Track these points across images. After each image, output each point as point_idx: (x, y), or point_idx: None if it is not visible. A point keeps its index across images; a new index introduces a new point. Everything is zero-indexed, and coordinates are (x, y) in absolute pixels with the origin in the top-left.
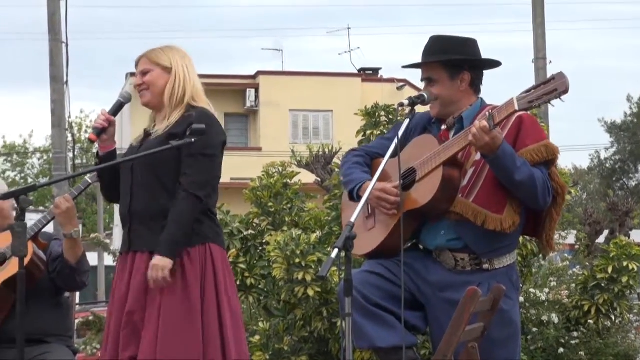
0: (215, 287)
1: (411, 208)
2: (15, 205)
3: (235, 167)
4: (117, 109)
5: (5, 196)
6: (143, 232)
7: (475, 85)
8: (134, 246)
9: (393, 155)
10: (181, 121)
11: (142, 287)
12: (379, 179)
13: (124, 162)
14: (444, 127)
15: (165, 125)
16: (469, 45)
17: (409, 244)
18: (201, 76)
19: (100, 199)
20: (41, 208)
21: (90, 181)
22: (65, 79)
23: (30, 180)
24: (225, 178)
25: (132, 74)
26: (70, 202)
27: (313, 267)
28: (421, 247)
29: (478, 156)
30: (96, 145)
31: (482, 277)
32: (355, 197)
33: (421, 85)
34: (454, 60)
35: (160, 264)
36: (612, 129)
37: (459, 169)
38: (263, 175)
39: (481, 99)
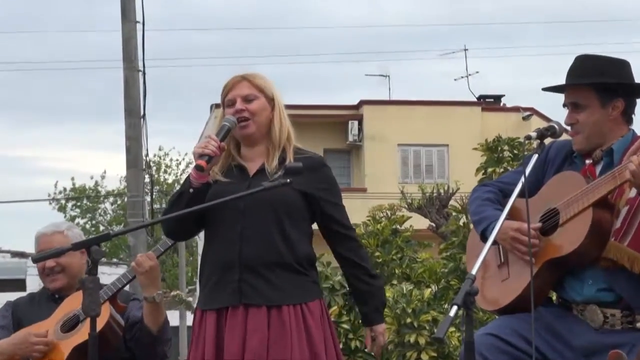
0: (334, 347)
1: (554, 256)
2: (86, 258)
3: None
4: (225, 134)
5: (76, 246)
6: (259, 284)
7: (628, 114)
8: (247, 299)
9: (523, 195)
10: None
11: (263, 345)
12: (511, 219)
13: (231, 199)
14: (588, 161)
15: (275, 165)
16: (623, 68)
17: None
18: (295, 107)
19: (182, 251)
20: (114, 260)
21: (170, 242)
22: (142, 112)
23: (102, 228)
24: None
25: (217, 106)
26: (154, 260)
27: (427, 327)
28: (556, 299)
29: (633, 193)
30: (192, 173)
31: (635, 338)
32: (488, 237)
33: (551, 113)
34: (609, 84)
35: (382, 330)
36: None
37: (611, 210)
38: (368, 220)
39: (632, 130)
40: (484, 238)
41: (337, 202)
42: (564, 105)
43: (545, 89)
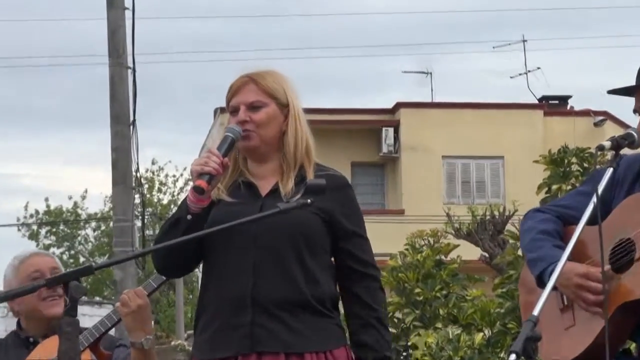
0: None
1: (630, 299)
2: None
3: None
4: (228, 148)
5: (50, 282)
6: (276, 328)
7: None
8: (262, 345)
9: (591, 222)
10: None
11: None
12: (574, 255)
13: (241, 223)
14: None
15: (292, 187)
16: None
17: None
18: (316, 111)
19: (179, 287)
20: (97, 298)
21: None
22: (131, 118)
23: (82, 259)
24: None
25: (222, 110)
26: (143, 298)
27: None
28: (635, 350)
29: None
30: (189, 195)
31: None
32: (546, 283)
33: (629, 118)
34: None
35: None
36: None
37: None
38: (406, 249)
39: None
40: (540, 283)
41: (358, 233)
42: (635, 112)
43: (611, 92)
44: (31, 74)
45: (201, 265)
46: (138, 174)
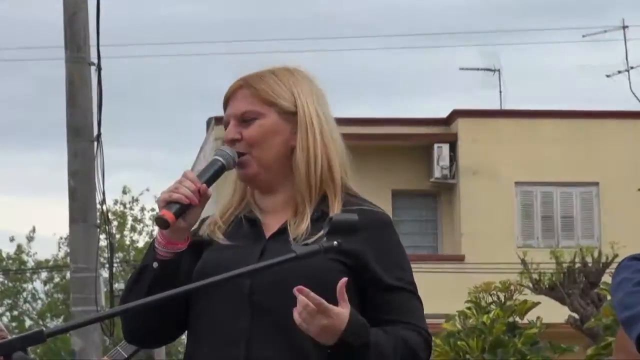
0: None
1: None
2: None
3: None
4: (214, 175)
5: None
6: None
7: None
8: None
9: None
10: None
11: None
12: None
13: (234, 276)
14: None
15: (307, 227)
16: None
17: None
18: (346, 121)
19: (160, 355)
20: None
21: None
22: (95, 132)
23: (29, 323)
24: None
25: (219, 120)
26: None
27: None
28: None
29: None
30: (157, 236)
31: None
32: None
33: None
34: None
35: (331, 321)
36: None
37: None
38: (468, 308)
39: None
40: None
41: (401, 286)
42: None
43: None
44: None
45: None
46: (104, 208)
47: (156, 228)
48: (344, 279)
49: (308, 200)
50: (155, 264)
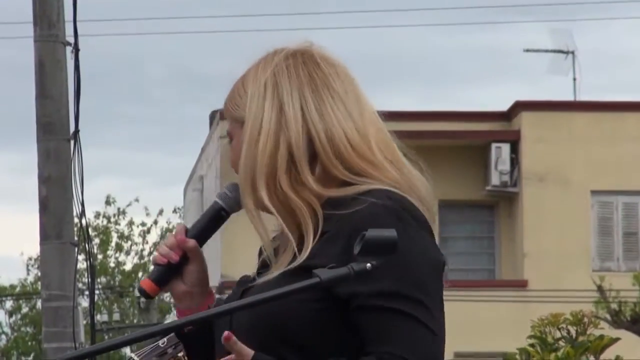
0: None
1: None
2: None
3: (467, 323)
4: (209, 222)
5: None
6: None
7: None
8: None
9: None
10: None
11: None
12: None
13: (205, 317)
14: None
15: (291, 255)
16: None
17: None
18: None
19: None
20: None
21: None
22: (72, 128)
23: None
24: (448, 353)
25: (224, 114)
26: None
27: None
28: None
29: None
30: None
31: None
32: None
33: None
34: None
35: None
36: None
37: None
38: (532, 345)
39: None
40: None
41: (379, 305)
42: None
43: None
44: None
45: None
46: (84, 221)
47: (150, 246)
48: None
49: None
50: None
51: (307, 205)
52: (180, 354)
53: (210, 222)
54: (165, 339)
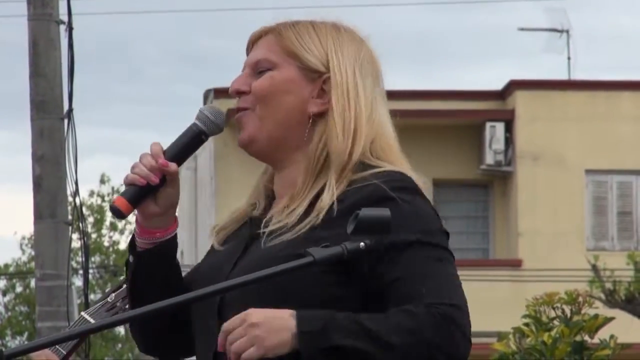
0: None
1: None
2: None
3: None
4: (188, 144)
5: None
6: None
7: None
8: None
9: None
10: (349, 202)
11: None
12: None
13: (202, 296)
14: None
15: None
16: None
17: None
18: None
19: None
20: None
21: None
22: (67, 107)
23: None
24: None
25: (218, 92)
26: None
27: None
28: None
29: None
30: (137, 228)
31: None
32: None
33: None
34: None
35: (258, 314)
36: None
37: None
38: (526, 325)
39: None
40: None
41: (409, 257)
42: None
43: None
44: None
45: None
46: (78, 200)
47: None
48: None
49: (308, 180)
50: (130, 258)
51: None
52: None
53: (189, 145)
54: (113, 294)
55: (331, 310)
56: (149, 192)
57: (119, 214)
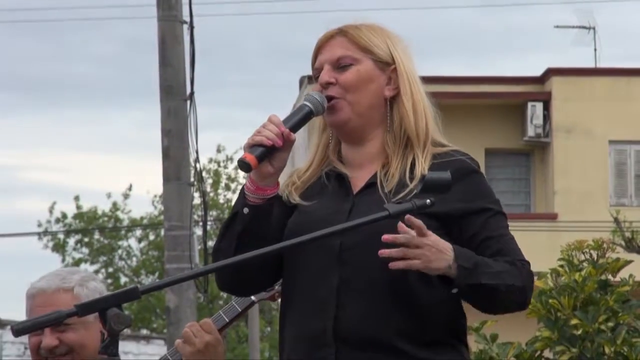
0: None
1: None
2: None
3: None
4: (301, 120)
5: (84, 309)
6: None
7: None
8: None
9: None
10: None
11: None
12: None
13: (325, 235)
14: None
15: (400, 178)
16: None
17: None
18: (435, 79)
19: (254, 318)
20: (145, 332)
21: (254, 298)
22: (188, 90)
23: (124, 280)
24: None
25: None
26: (212, 333)
27: None
28: None
29: None
30: (247, 182)
31: None
32: None
33: None
34: None
35: (434, 239)
36: None
37: None
38: (561, 266)
39: None
40: None
41: (487, 207)
42: None
43: None
44: (55, 33)
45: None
46: (198, 166)
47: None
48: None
49: (400, 151)
50: (245, 210)
51: None
52: None
53: (301, 121)
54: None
55: (470, 250)
56: (269, 154)
57: (247, 168)
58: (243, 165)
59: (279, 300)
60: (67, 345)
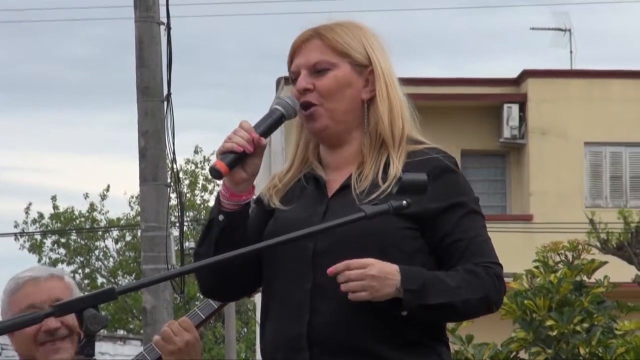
0: None
1: None
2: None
3: None
4: (272, 124)
5: (61, 309)
6: None
7: None
8: None
9: None
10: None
11: None
12: None
13: (297, 238)
14: None
15: (371, 180)
16: None
17: None
18: (414, 81)
19: (230, 319)
20: (121, 332)
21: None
22: (165, 91)
23: (100, 280)
24: None
25: (288, 80)
26: (191, 332)
27: None
28: None
29: None
30: (221, 188)
31: None
32: None
33: None
34: None
35: (377, 267)
36: None
37: None
38: (536, 267)
39: None
40: None
41: (469, 222)
42: None
43: None
44: (31, 33)
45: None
46: (175, 167)
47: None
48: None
49: (372, 154)
50: (220, 217)
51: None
52: None
53: (273, 125)
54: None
55: (422, 269)
56: (241, 160)
57: (218, 175)
58: (214, 172)
59: (255, 298)
60: (68, 327)
